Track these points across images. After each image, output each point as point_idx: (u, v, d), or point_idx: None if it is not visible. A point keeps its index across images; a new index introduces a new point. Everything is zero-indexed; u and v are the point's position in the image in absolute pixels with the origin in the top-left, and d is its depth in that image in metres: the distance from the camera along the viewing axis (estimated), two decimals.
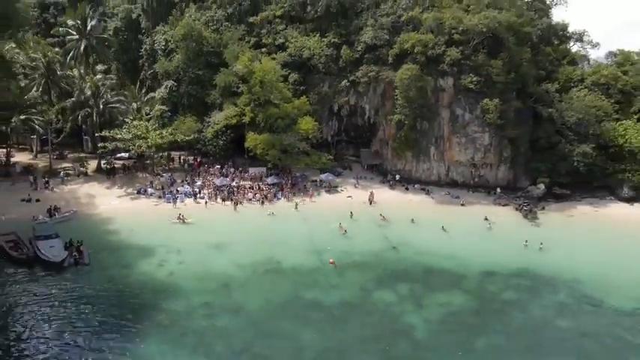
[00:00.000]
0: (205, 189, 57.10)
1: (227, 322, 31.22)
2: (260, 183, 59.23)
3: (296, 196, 56.58)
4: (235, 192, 56.18)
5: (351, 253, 41.88)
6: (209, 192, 56.18)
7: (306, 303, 33.87)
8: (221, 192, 55.74)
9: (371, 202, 55.41)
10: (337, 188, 60.10)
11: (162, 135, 58.35)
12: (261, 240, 44.31)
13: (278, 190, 57.41)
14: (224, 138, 61.78)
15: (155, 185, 57.38)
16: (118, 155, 63.27)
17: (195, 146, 64.33)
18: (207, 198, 54.48)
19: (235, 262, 39.50)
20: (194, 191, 56.02)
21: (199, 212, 51.13)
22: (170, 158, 65.07)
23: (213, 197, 54.82)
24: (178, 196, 54.54)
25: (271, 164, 60.66)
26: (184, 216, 48.69)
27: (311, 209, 53.39)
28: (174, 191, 55.73)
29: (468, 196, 58.34)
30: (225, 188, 56.28)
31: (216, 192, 55.55)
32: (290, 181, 59.78)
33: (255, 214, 51.77)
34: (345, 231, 46.41)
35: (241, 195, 55.69)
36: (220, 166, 62.34)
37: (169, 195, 54.55)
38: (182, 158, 66.21)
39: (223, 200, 54.62)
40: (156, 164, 62.25)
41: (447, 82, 57.38)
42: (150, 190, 56.00)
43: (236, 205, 53.21)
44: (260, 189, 57.44)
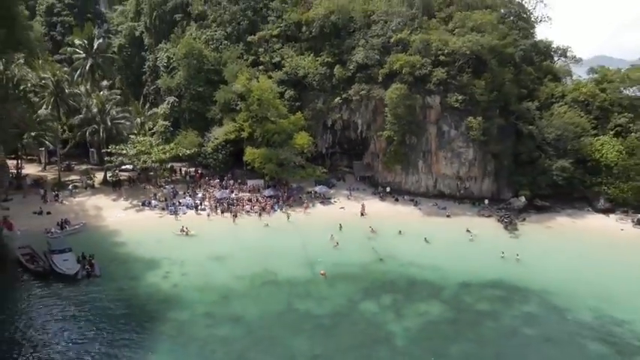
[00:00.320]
0: (206, 201, 60.61)
1: (227, 331, 34.55)
2: (258, 195, 62.70)
3: (292, 208, 60.07)
4: (234, 204, 59.65)
5: (341, 265, 45.22)
6: (210, 204, 59.64)
7: (299, 313, 37.21)
8: (221, 204, 59.19)
9: (362, 214, 58.91)
10: (331, 200, 63.59)
11: (165, 150, 61.80)
12: (258, 252, 47.66)
13: (275, 202, 60.88)
14: (224, 152, 65.25)
15: (158, 197, 60.78)
16: (123, 167, 66.63)
17: (196, 159, 67.76)
18: (209, 210, 57.90)
19: (234, 274, 42.83)
20: (195, 203, 59.48)
21: (201, 224, 54.51)
22: (172, 170, 68.52)
23: (213, 209, 58.22)
24: (180, 208, 58.05)
25: (268, 177, 64.12)
26: (187, 228, 52.10)
27: (305, 221, 56.86)
28: (176, 203, 59.19)
29: (455, 207, 61.79)
30: (224, 201, 59.72)
31: (216, 205, 58.96)
32: (286, 194, 63.25)
33: (252, 226, 55.13)
34: (337, 243, 49.85)
35: (240, 207, 59.14)
36: (220, 179, 65.79)
37: (172, 207, 58.03)
38: (184, 170, 69.67)
39: (223, 212, 58.06)
40: (159, 176, 65.68)
41: (434, 100, 60.87)
42: (154, 202, 59.43)
43: (235, 217, 56.69)
44: (258, 201, 60.92)
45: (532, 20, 74.16)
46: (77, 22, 75.39)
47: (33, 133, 59.28)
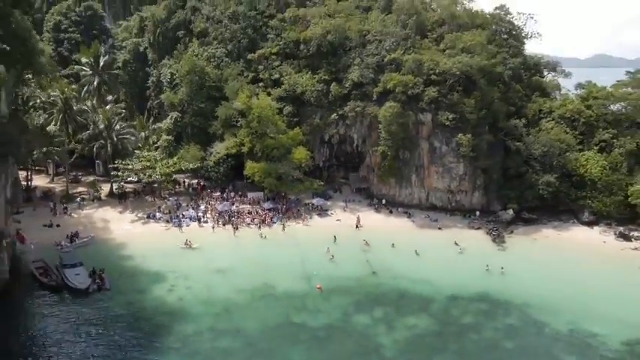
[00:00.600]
0: (209, 213, 63.44)
1: (229, 343, 37.44)
2: (258, 207, 65.50)
3: (290, 220, 62.87)
4: (235, 216, 62.43)
5: (336, 278, 48.02)
6: (212, 216, 62.42)
7: (295, 326, 40.08)
8: (222, 217, 61.98)
9: (357, 226, 61.73)
10: (328, 212, 66.33)
11: (169, 165, 64.63)
12: (258, 264, 50.59)
13: (274, 215, 63.66)
14: (225, 165, 67.99)
15: (163, 209, 63.61)
16: (128, 179, 69.44)
17: (198, 171, 70.56)
18: (212, 222, 60.65)
19: (236, 287, 45.71)
20: (198, 216, 62.28)
21: (203, 237, 57.22)
22: (175, 182, 71.27)
23: (216, 222, 60.97)
24: (184, 221, 60.89)
25: (268, 190, 66.91)
26: (190, 241, 54.89)
27: (303, 233, 59.54)
28: (180, 216, 62.00)
29: (446, 219, 64.45)
30: (226, 214, 62.50)
31: (218, 218, 61.74)
32: (285, 206, 66.05)
33: (252, 239, 57.91)
34: (333, 256, 52.65)
35: (241, 220, 61.94)
36: (221, 191, 68.59)
37: (176, 220, 60.86)
38: (186, 182, 72.48)
39: (224, 225, 60.83)
40: (162, 188, 68.51)
41: (426, 117, 63.63)
42: (158, 215, 62.24)
43: (235, 230, 59.52)
44: (258, 213, 63.71)
45: (522, 36, 76.77)
46: (83, 39, 78.12)
47: (44, 149, 62.10)
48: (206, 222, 61.58)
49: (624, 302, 44.03)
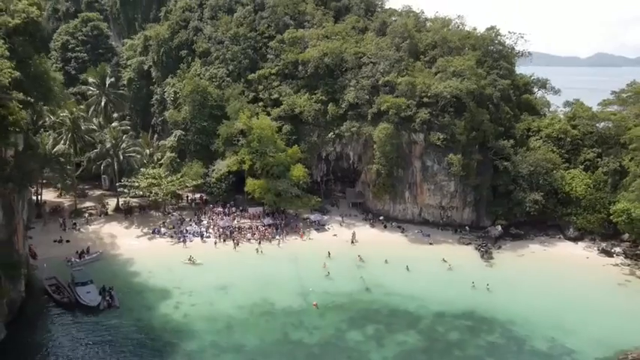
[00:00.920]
0: (211, 228, 66.43)
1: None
2: (258, 223, 68.48)
3: (289, 235, 65.87)
4: (236, 232, 65.41)
5: (331, 294, 50.97)
6: (215, 231, 65.40)
7: (292, 342, 43.05)
8: (224, 233, 64.98)
9: (353, 242, 64.73)
10: (325, 226, 69.33)
11: (173, 182, 67.65)
12: (258, 280, 53.48)
13: (274, 230, 66.62)
14: (226, 182, 70.98)
15: (167, 224, 66.63)
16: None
17: (201, 187, 73.53)
18: (215, 238, 63.57)
19: (237, 304, 48.64)
20: (201, 232, 65.28)
21: (206, 252, 60.19)
22: (178, 197, 74.23)
23: (218, 238, 63.92)
24: (187, 236, 63.90)
25: (267, 205, 69.91)
26: (194, 258, 57.88)
27: (301, 249, 62.52)
28: (184, 231, 64.99)
29: (438, 234, 67.47)
30: (227, 229, 65.49)
31: (220, 233, 64.75)
32: (284, 222, 69.06)
33: (252, 254, 60.77)
34: (329, 273, 55.61)
35: (241, 235, 64.91)
36: (223, 206, 71.57)
37: (180, 235, 63.88)
38: (189, 197, 75.46)
39: (225, 240, 63.81)
40: (166, 203, 71.50)
41: (419, 137, 66.62)
42: (163, 230, 65.29)
43: (236, 245, 62.52)
44: (258, 229, 66.68)
45: (513, 54, 79.62)
46: (90, 57, 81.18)
47: (57, 167, 65.23)
48: (209, 237, 64.57)
49: (600, 319, 47.00)
